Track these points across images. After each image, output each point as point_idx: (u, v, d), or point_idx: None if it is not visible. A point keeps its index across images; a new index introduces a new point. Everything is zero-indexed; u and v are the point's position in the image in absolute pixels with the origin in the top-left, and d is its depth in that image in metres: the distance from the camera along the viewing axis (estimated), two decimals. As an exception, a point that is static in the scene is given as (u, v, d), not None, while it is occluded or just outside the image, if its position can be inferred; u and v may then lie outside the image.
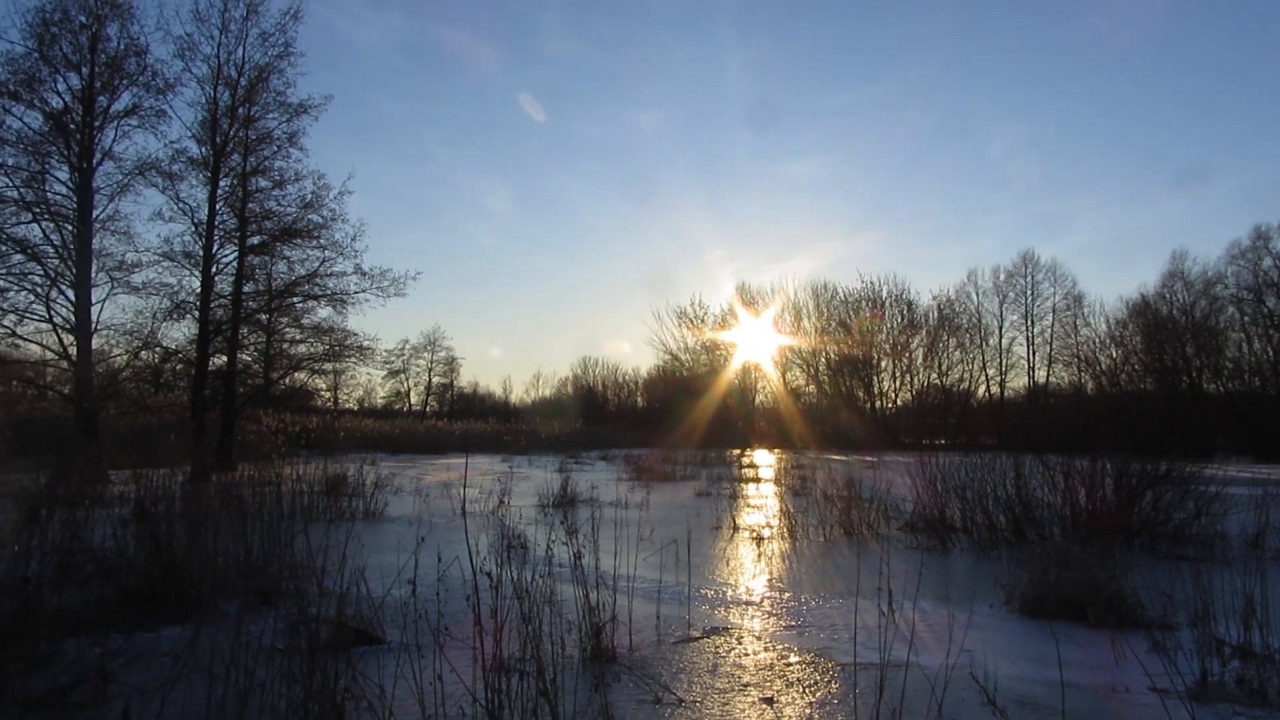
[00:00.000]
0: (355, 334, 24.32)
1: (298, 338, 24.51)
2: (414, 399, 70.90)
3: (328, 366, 25.27)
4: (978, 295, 54.03)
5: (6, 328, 21.07)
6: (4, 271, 20.36)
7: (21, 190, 20.47)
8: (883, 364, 54.70)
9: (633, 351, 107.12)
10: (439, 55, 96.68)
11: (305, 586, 3.75)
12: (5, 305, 20.64)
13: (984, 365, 53.99)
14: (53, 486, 9.86)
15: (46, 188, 20.91)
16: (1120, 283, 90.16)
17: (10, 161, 20.33)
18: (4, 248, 20.28)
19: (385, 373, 66.92)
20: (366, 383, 67.29)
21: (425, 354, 69.81)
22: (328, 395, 29.22)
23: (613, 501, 13.83)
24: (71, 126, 20.97)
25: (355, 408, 48.65)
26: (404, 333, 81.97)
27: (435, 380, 71.81)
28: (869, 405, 53.71)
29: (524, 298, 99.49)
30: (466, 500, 13.52)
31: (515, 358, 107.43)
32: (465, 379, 76.60)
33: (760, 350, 55.56)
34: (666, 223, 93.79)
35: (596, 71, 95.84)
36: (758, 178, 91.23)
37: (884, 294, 53.54)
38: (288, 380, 25.22)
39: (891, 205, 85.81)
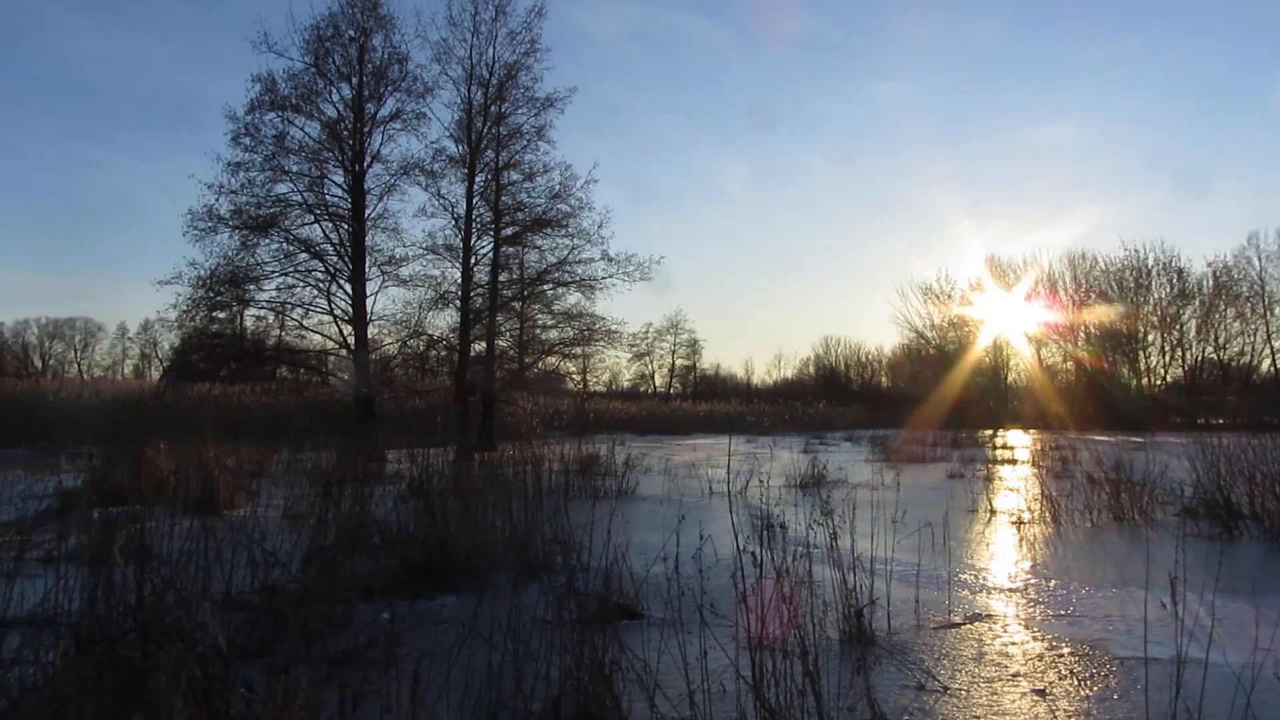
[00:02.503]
0: (603, 318, 25.07)
1: (549, 323, 25.55)
2: (658, 381, 72.35)
3: (577, 350, 26.18)
4: (1260, 260, 48.18)
5: (295, 320, 23.30)
6: (292, 269, 22.52)
7: (305, 195, 22.55)
8: (1150, 337, 50.34)
9: (876, 330, 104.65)
10: (673, 41, 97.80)
11: (567, 561, 3.91)
12: (293, 300, 22.84)
13: (1268, 337, 48.66)
14: (339, 465, 10.81)
15: (325, 191, 22.91)
16: None
17: (295, 169, 22.41)
18: (291, 247, 22.44)
19: (631, 355, 68.58)
20: (613, 365, 69.29)
21: (668, 336, 71.02)
22: (578, 378, 30.27)
23: (861, 483, 13.58)
24: (344, 133, 22.80)
25: (603, 390, 50.16)
26: (648, 316, 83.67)
27: (678, 362, 72.99)
28: (1134, 382, 49.77)
29: (764, 278, 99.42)
30: (713, 481, 13.65)
31: (756, 339, 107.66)
32: (707, 361, 77.36)
33: (1012, 325, 52.65)
34: (909, 195, 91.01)
35: (834, 45, 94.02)
36: (1006, 144, 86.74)
37: (1150, 262, 49.18)
38: (541, 364, 26.34)
39: (1158, 165, 79.34)
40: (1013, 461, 19.99)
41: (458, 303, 23.71)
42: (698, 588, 3.80)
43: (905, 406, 43.33)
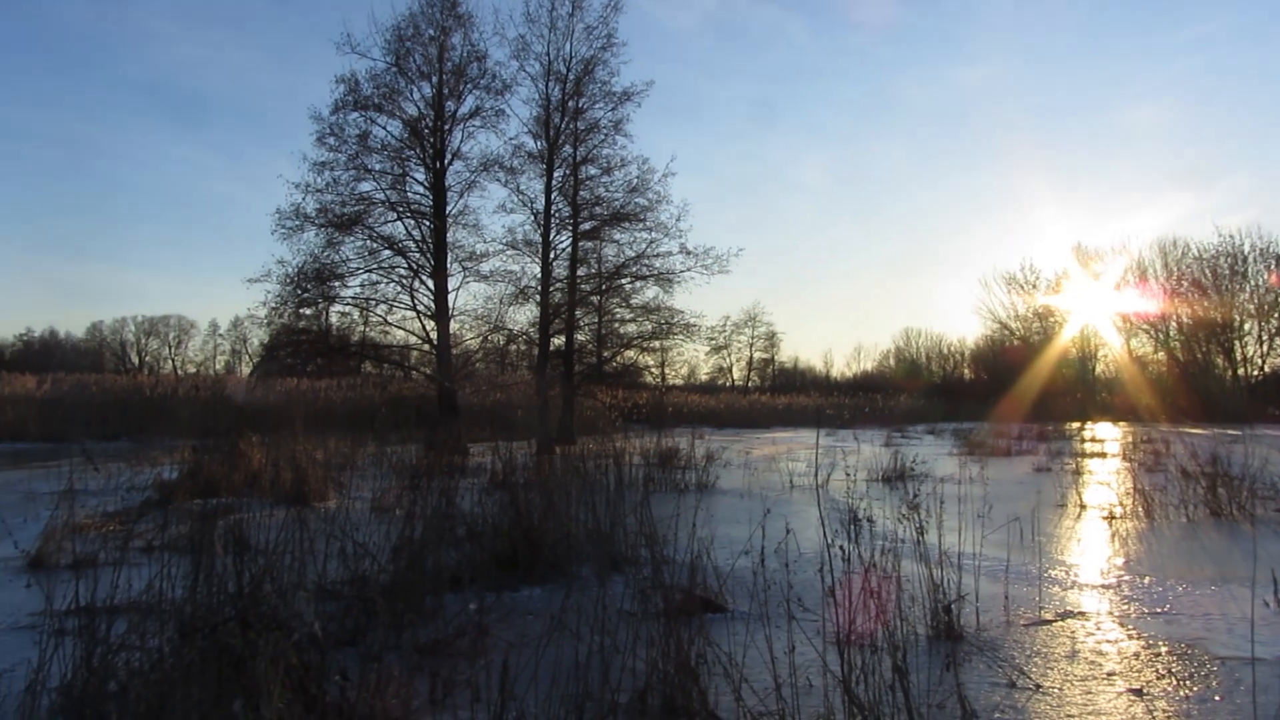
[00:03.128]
0: (681, 311, 25.00)
1: (627, 317, 25.59)
2: (736, 374, 72.11)
3: (656, 344, 26.20)
4: (1363, 244, 46.21)
5: (379, 316, 23.72)
6: (375, 266, 22.95)
7: (387, 192, 22.93)
8: (1246, 326, 48.45)
9: (959, 321, 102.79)
10: (749, 32, 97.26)
11: (653, 554, 3.91)
12: (377, 296, 23.25)
13: (1379, 325, 46.45)
14: (424, 458, 10.99)
15: (407, 189, 23.25)
16: None
17: (378, 167, 22.79)
18: (375, 244, 22.85)
19: (709, 349, 68.36)
20: (691, 359, 69.17)
21: (746, 329, 70.68)
22: (656, 372, 30.28)
23: (946, 476, 13.35)
24: (425, 131, 23.13)
25: (681, 383, 50.12)
26: (726, 309, 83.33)
27: (756, 355, 72.65)
28: (1230, 373, 47.94)
29: (843, 269, 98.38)
30: (793, 474, 13.56)
31: (835, 331, 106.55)
32: (785, 354, 76.97)
33: (1100, 316, 51.20)
34: (993, 183, 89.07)
35: (916, 31, 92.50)
36: (1093, 128, 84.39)
37: (1246, 248, 47.19)
38: (619, 358, 26.42)
39: (1256, 147, 76.25)
40: (1102, 455, 19.48)
41: (537, 297, 23.91)
42: (783, 582, 3.78)
43: (989, 399, 42.53)
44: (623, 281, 24.84)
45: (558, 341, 24.73)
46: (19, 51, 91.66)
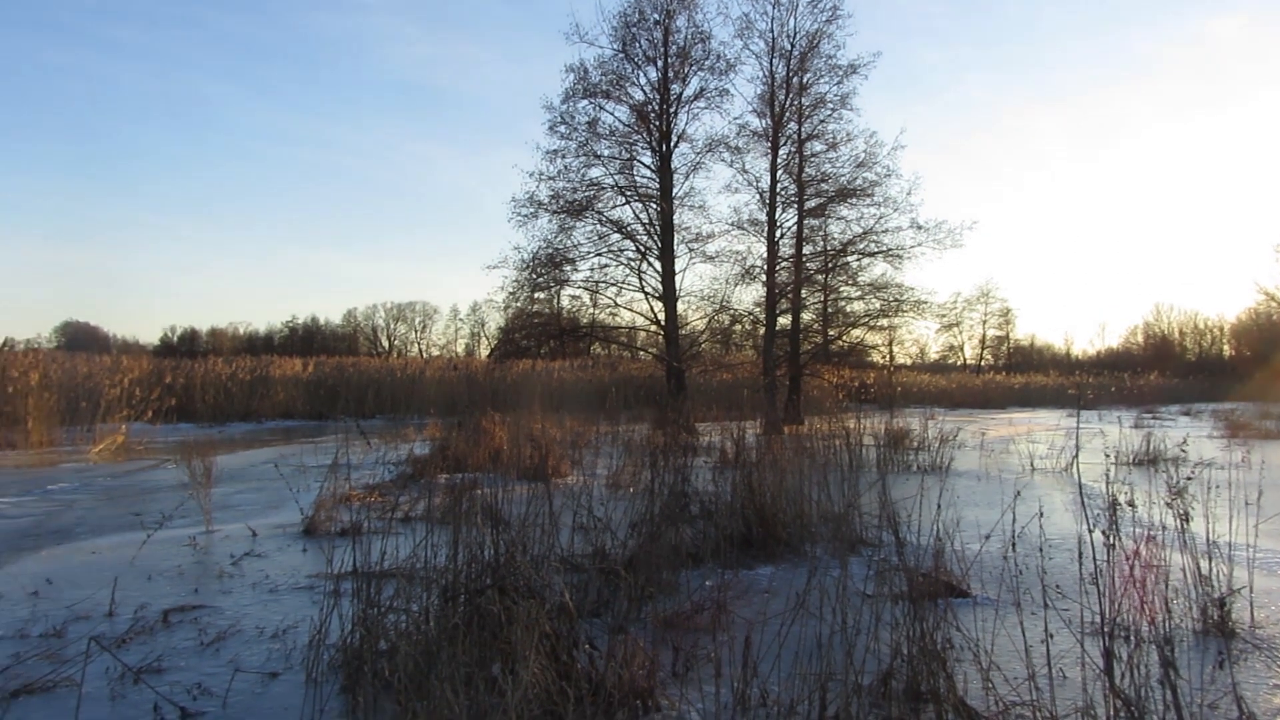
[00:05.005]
0: (911, 288, 24.26)
1: (854, 295, 25.07)
2: (968, 353, 69.35)
3: (884, 322, 25.53)
4: None
5: (609, 298, 24.37)
6: (605, 249, 23.59)
7: (615, 177, 23.50)
8: None
9: (1215, 296, 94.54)
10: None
11: (897, 535, 3.83)
12: (606, 279, 23.90)
13: None
14: (657, 437, 11.20)
15: (635, 173, 23.73)
16: None
17: (607, 153, 23.40)
18: (604, 228, 23.51)
19: (939, 327, 66.02)
20: (921, 337, 67.07)
21: (979, 306, 67.75)
22: (884, 351, 29.56)
23: (1207, 461, 12.34)
24: (652, 115, 23.49)
25: (909, 363, 48.72)
26: (957, 285, 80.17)
27: (989, 333, 69.59)
28: None
29: (1084, 242, 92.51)
30: (1034, 456, 12.93)
31: (1075, 307, 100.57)
32: (1021, 331, 73.35)
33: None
34: (1250, 140, 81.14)
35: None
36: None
37: None
38: (846, 337, 25.95)
39: None
40: (1395, 439, 17.46)
41: (763, 277, 23.84)
42: (1036, 567, 3.61)
43: (1253, 378, 39.02)
44: (849, 259, 24.36)
45: (784, 321, 24.58)
46: (278, 61, 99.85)
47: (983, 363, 67.26)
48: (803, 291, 24.37)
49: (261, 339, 69.89)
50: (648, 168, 23.70)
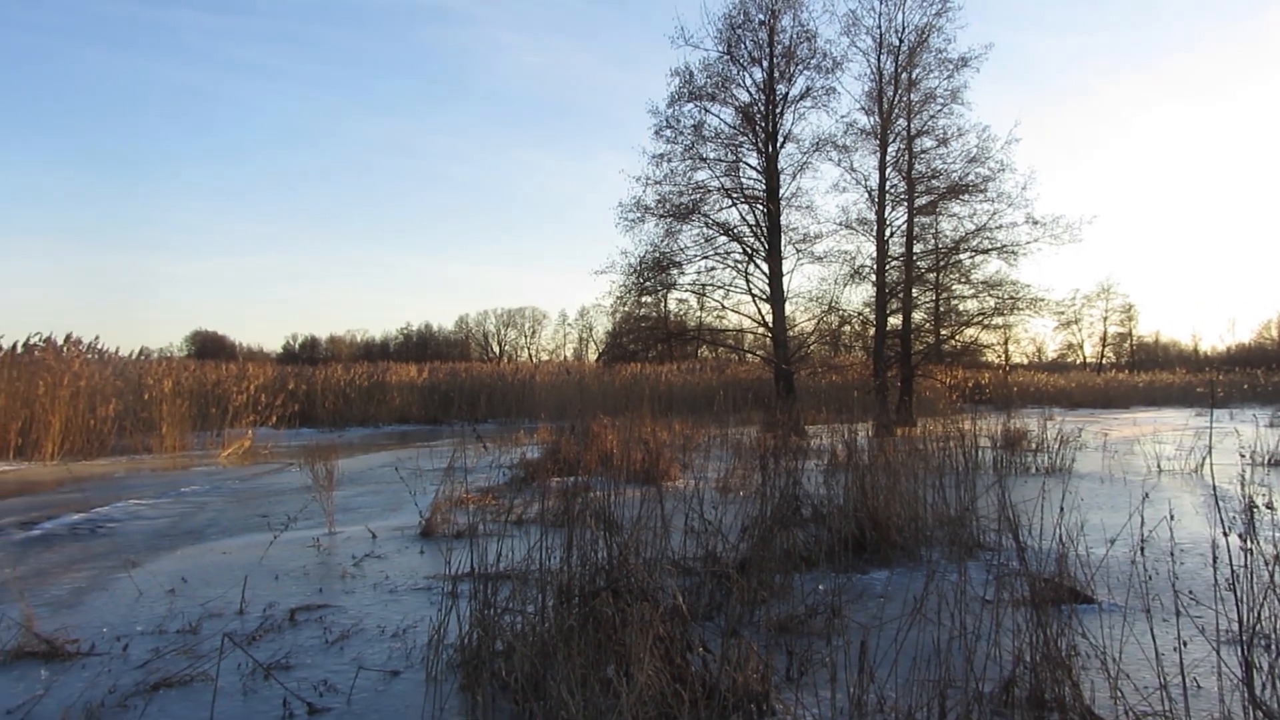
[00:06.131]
0: (1027, 285, 23.61)
1: (967, 293, 24.52)
2: (1088, 351, 67.06)
3: (998, 321, 24.87)
4: None
5: (716, 301, 24.35)
6: (711, 252, 23.59)
7: (722, 179, 23.50)
8: None
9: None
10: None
11: (1018, 539, 3.72)
12: (713, 281, 23.90)
13: None
14: (764, 440, 11.14)
15: (741, 174, 23.69)
16: None
17: (713, 155, 23.43)
18: (711, 231, 23.54)
19: (1057, 324, 64.02)
20: (1037, 336, 65.08)
21: (1099, 303, 65.39)
22: (999, 350, 28.77)
23: (1353, 463, 11.68)
24: (757, 116, 23.43)
25: (1026, 362, 47.34)
26: (1075, 282, 77.67)
27: (1110, 330, 67.16)
28: None
29: (1211, 234, 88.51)
30: (1160, 458, 12.41)
31: (1202, 302, 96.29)
32: (1145, 328, 70.57)
33: None
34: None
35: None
36: None
37: None
38: (959, 337, 25.38)
39: None
40: None
41: (873, 277, 23.51)
42: (1165, 572, 3.47)
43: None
44: (962, 256, 23.84)
45: (894, 321, 24.19)
46: (385, 73, 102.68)
47: (1103, 361, 64.98)
48: (914, 290, 23.94)
49: (378, 345, 72.19)
50: (754, 169, 23.66)
